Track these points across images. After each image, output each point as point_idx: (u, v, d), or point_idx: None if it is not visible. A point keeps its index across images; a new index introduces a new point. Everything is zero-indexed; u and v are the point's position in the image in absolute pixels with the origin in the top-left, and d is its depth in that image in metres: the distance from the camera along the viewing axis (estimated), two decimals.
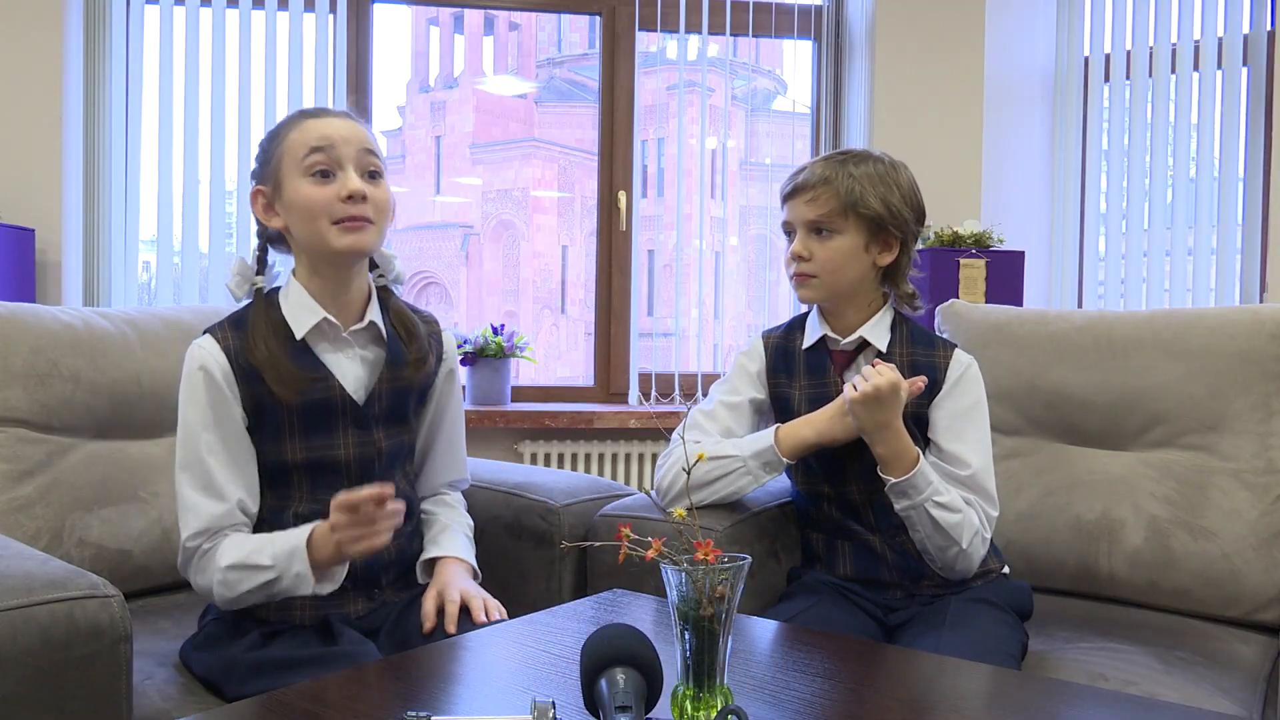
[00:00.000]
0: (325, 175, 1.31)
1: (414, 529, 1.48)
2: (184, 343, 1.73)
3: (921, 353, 1.55)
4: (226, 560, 1.29)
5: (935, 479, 1.45)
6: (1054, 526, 1.76)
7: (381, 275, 1.46)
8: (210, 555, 1.31)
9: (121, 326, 1.70)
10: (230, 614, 1.38)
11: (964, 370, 1.54)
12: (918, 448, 1.46)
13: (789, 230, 1.57)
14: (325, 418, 1.37)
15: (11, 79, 2.98)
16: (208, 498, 1.32)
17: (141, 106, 3.14)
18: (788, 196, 1.56)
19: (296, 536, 1.30)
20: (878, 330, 1.55)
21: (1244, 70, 3.24)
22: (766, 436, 1.52)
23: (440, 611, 1.34)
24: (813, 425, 1.51)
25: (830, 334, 1.57)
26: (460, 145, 21.91)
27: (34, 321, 1.59)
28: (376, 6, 3.32)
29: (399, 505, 1.26)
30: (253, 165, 1.40)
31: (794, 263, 1.54)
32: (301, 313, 1.36)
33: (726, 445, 1.54)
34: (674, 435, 1.60)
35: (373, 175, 1.34)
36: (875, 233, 1.52)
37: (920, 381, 1.47)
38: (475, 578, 1.46)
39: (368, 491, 1.23)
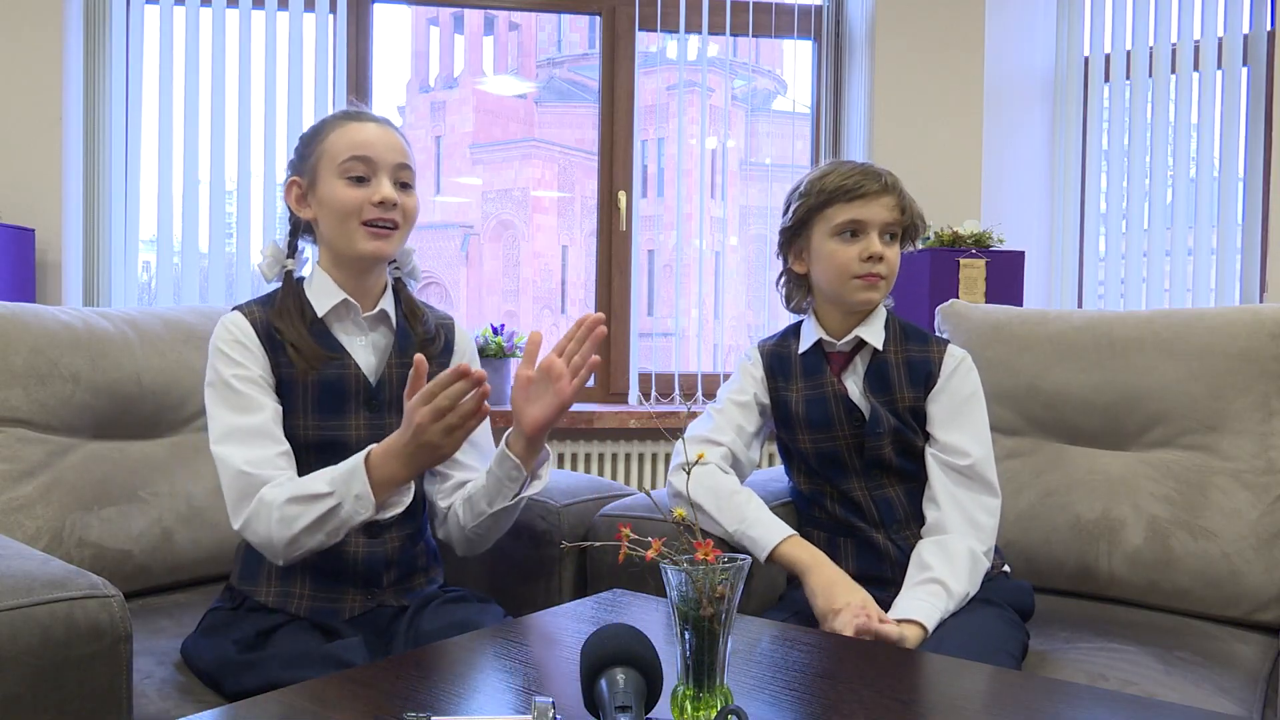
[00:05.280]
0: (361, 181, 1.39)
1: (417, 530, 1.48)
2: (184, 343, 1.74)
3: (915, 349, 1.56)
4: (283, 497, 1.29)
5: (942, 602, 1.37)
6: (1054, 526, 1.76)
7: (398, 268, 1.52)
8: (268, 500, 1.31)
9: (121, 326, 1.70)
10: (229, 606, 1.40)
11: (958, 363, 1.56)
12: (915, 623, 1.34)
13: (853, 229, 1.51)
14: (338, 397, 1.41)
15: (11, 79, 2.98)
16: (261, 440, 1.35)
17: (141, 106, 3.14)
18: (861, 195, 1.50)
19: (353, 459, 1.30)
20: (873, 329, 1.56)
21: (1244, 70, 3.24)
22: (764, 545, 1.45)
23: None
24: (815, 572, 1.42)
25: (826, 337, 1.57)
26: (460, 145, 21.91)
27: (34, 321, 1.59)
28: (376, 6, 3.32)
29: (484, 386, 1.26)
30: (290, 156, 1.47)
31: (868, 263, 1.50)
32: (323, 295, 1.43)
33: (733, 514, 1.49)
34: (692, 426, 1.63)
35: (404, 186, 1.42)
36: (904, 241, 1.57)
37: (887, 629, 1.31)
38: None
39: (450, 372, 1.24)
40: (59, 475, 1.55)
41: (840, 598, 1.36)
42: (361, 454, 1.30)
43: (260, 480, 1.32)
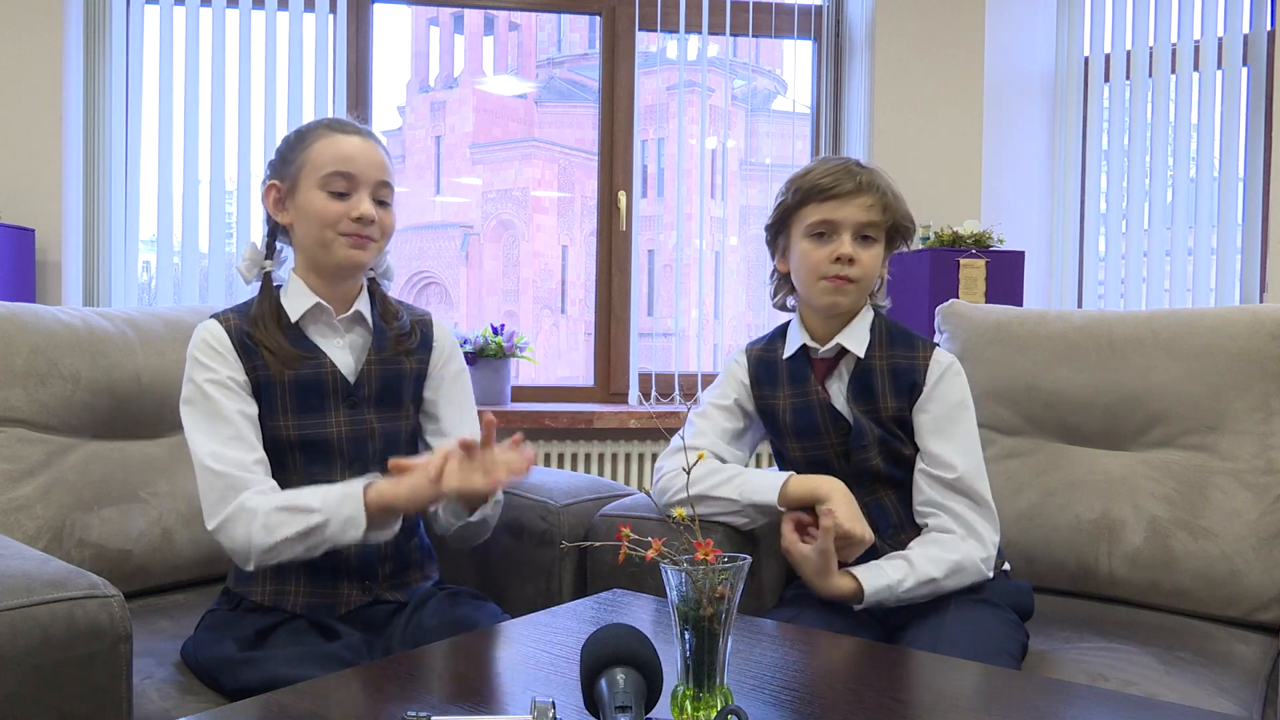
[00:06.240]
0: (341, 195, 1.40)
1: (410, 525, 1.49)
2: (184, 343, 1.73)
3: (901, 354, 1.54)
4: (271, 505, 1.30)
5: (898, 573, 1.41)
6: (1054, 526, 1.76)
7: (372, 269, 1.51)
8: (251, 507, 1.31)
9: (121, 326, 1.70)
10: (227, 607, 1.40)
11: (944, 370, 1.52)
12: (852, 577, 1.41)
13: (823, 231, 1.49)
14: (317, 395, 1.42)
15: (11, 79, 2.98)
16: (237, 444, 1.35)
17: (141, 106, 3.14)
18: (834, 195, 1.48)
19: (351, 484, 1.31)
20: (856, 335, 1.53)
21: (1244, 70, 3.24)
22: (771, 490, 1.48)
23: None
24: (830, 489, 1.46)
25: (810, 342, 1.56)
26: (460, 145, 21.93)
27: (34, 321, 1.59)
28: (376, 6, 3.32)
29: (526, 456, 1.28)
30: (270, 157, 1.48)
31: (837, 265, 1.48)
32: (298, 299, 1.44)
33: (730, 484, 1.51)
34: (675, 437, 1.61)
35: (382, 203, 1.43)
36: (891, 244, 1.54)
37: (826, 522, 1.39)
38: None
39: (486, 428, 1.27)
40: (59, 475, 1.55)
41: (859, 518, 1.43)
42: (360, 481, 1.31)
43: (239, 483, 1.33)
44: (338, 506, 1.29)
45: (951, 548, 1.45)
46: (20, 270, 2.80)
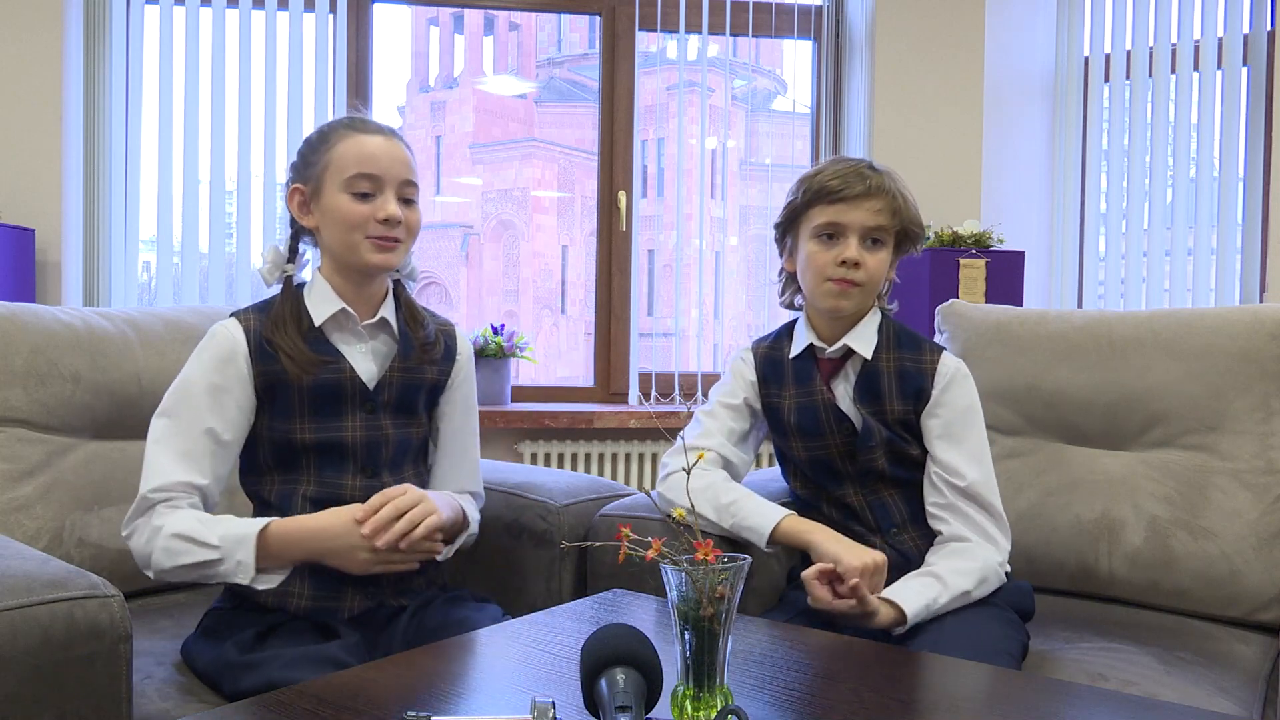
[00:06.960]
0: (366, 196, 1.38)
1: None
2: (184, 343, 1.74)
3: (908, 357, 1.54)
4: (175, 529, 1.32)
5: (933, 592, 1.38)
6: (1054, 526, 1.76)
7: (396, 270, 1.51)
8: (156, 523, 1.33)
9: (121, 326, 1.70)
10: (229, 606, 1.40)
11: (952, 375, 1.52)
12: (894, 605, 1.36)
13: (830, 233, 1.49)
14: (334, 399, 1.41)
15: (11, 79, 2.98)
16: (184, 463, 1.36)
17: (141, 106, 3.14)
18: (843, 198, 1.47)
19: (249, 526, 1.33)
20: (863, 336, 1.53)
21: (1244, 70, 3.24)
22: (762, 530, 1.47)
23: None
24: (822, 538, 1.44)
25: (816, 343, 1.56)
26: (460, 145, 21.91)
27: (34, 321, 1.59)
28: (376, 6, 3.32)
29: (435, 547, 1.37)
30: (293, 159, 1.46)
31: (843, 268, 1.47)
32: (322, 303, 1.43)
33: (727, 510, 1.50)
34: (679, 436, 1.61)
35: (407, 202, 1.42)
36: (900, 247, 1.53)
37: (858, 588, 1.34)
38: (462, 527, 1.50)
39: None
40: (59, 475, 1.55)
41: (860, 549, 1.40)
42: (258, 523, 1.33)
43: (156, 503, 1.34)
44: (233, 548, 1.31)
45: (972, 555, 1.45)
46: (20, 270, 2.80)
